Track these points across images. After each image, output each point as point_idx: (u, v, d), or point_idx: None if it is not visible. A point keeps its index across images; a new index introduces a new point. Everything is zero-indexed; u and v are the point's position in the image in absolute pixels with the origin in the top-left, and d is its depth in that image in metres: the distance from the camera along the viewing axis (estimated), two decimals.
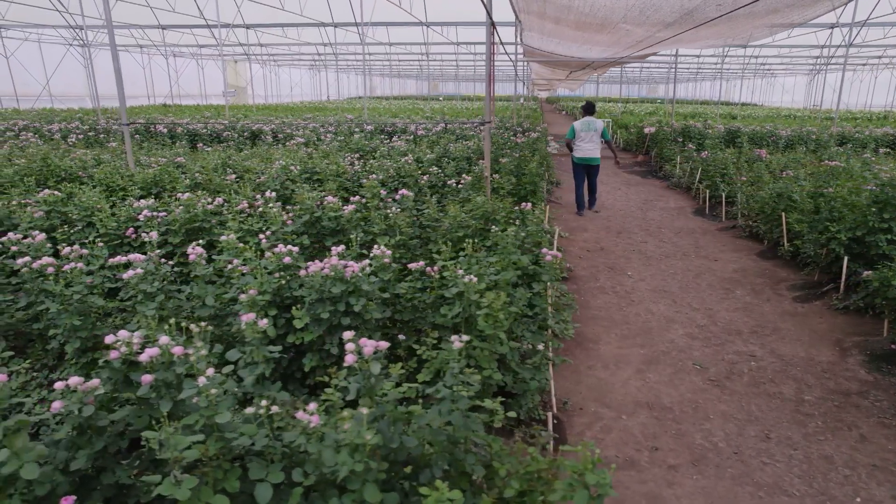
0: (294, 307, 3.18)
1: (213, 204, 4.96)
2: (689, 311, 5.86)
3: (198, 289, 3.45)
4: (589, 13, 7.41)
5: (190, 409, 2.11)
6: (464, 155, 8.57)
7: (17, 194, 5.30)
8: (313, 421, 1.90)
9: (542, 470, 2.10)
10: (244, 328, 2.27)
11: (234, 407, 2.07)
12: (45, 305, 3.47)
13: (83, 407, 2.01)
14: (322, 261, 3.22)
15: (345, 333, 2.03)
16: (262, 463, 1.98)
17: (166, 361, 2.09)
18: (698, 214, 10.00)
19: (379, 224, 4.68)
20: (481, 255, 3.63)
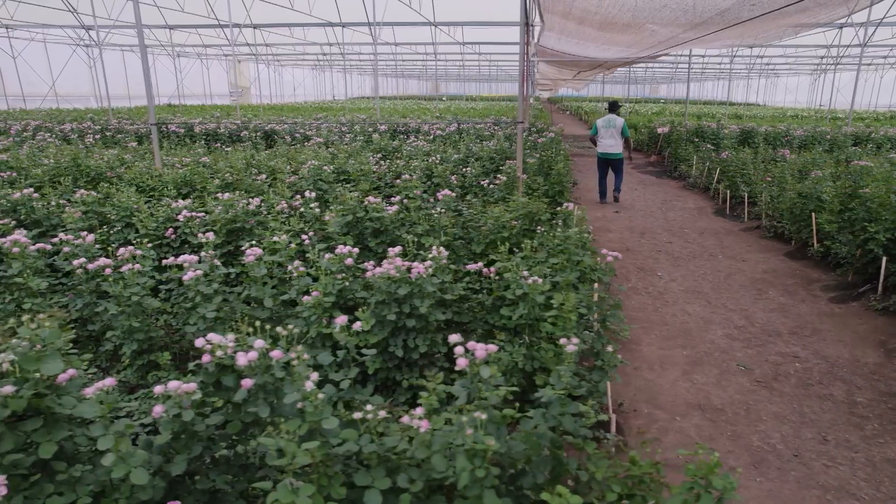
0: (359, 309, 3.15)
1: (253, 204, 4.92)
2: (725, 312, 5.83)
3: (255, 290, 3.41)
4: (617, 14, 7.38)
5: (286, 413, 2.08)
6: (487, 155, 8.54)
7: (56, 195, 5.26)
8: (423, 426, 1.87)
9: (644, 473, 2.07)
10: (337, 331, 2.24)
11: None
12: (101, 307, 3.44)
13: (183, 412, 1.97)
14: (370, 262, 3.20)
15: (451, 336, 2.00)
16: (366, 469, 1.94)
17: (263, 365, 2.06)
18: (719, 215, 9.98)
19: (422, 224, 4.65)
20: (541, 256, 3.59)
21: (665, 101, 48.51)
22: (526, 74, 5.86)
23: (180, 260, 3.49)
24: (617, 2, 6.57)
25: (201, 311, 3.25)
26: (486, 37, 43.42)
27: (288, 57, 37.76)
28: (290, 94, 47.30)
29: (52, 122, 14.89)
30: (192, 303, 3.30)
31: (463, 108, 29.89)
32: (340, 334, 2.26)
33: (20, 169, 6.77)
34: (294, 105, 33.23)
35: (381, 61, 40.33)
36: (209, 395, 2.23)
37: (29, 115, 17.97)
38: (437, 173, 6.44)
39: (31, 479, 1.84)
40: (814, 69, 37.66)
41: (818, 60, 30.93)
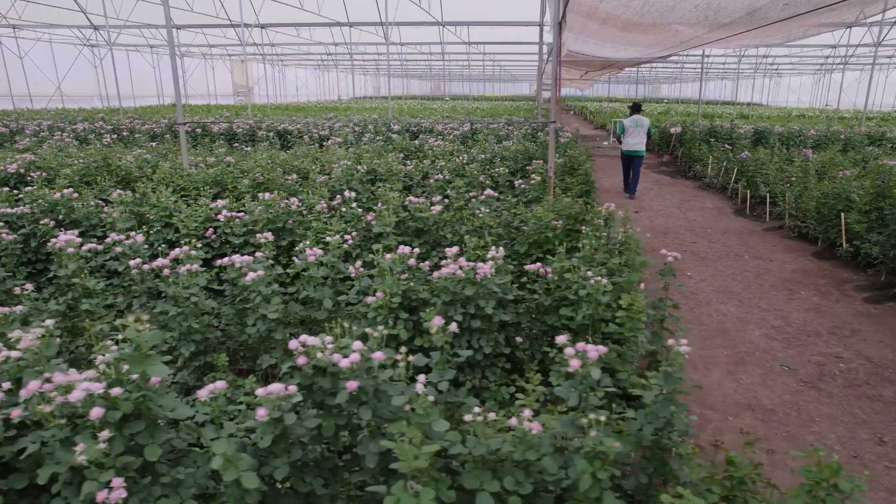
0: (424, 310, 3.13)
1: (294, 204, 4.90)
2: (760, 312, 5.82)
3: (314, 291, 3.39)
4: (644, 14, 7.36)
5: (386, 415, 2.06)
6: (512, 155, 8.53)
7: (94, 195, 5.24)
8: (535, 428, 1.86)
9: (746, 475, 2.05)
10: (433, 332, 2.22)
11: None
12: (158, 307, 3.41)
13: (285, 415, 1.96)
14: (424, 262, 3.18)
15: (558, 338, 1.99)
16: (471, 471, 1.93)
17: (364, 367, 2.04)
18: (739, 215, 9.97)
19: (467, 224, 4.63)
20: (602, 257, 3.58)
21: (668, 101, 48.52)
22: (559, 76, 5.84)
23: (235, 260, 3.48)
24: (647, 1, 6.55)
25: (262, 311, 3.23)
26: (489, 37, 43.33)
27: (291, 57, 37.73)
28: (293, 93, 47.25)
29: (63, 121, 14.83)
30: (251, 304, 3.27)
31: (469, 108, 29.87)
32: (437, 336, 2.24)
33: (49, 169, 6.74)
34: (299, 105, 33.19)
35: (385, 62, 40.27)
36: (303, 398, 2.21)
37: (39, 114, 17.92)
38: (468, 173, 6.42)
39: (142, 481, 1.82)
40: (817, 69, 37.67)
41: (822, 60, 30.97)
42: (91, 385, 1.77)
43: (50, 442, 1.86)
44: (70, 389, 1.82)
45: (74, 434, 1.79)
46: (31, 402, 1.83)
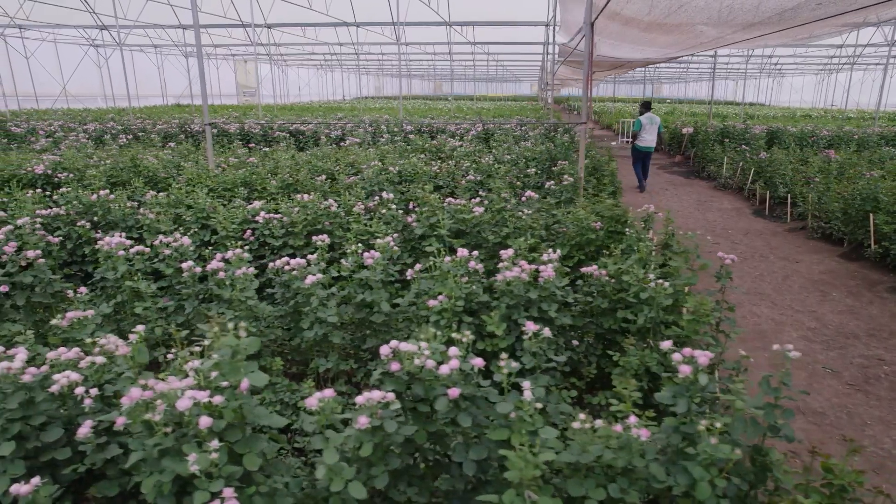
0: (487, 313, 3.10)
1: (334, 206, 4.86)
2: (794, 314, 5.79)
3: (372, 294, 3.36)
4: (672, 14, 7.34)
5: (483, 422, 2.03)
6: (531, 156, 8.50)
7: (128, 195, 5.19)
8: (643, 434, 1.82)
9: (848, 482, 2.02)
10: (528, 338, 2.19)
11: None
12: (213, 311, 3.37)
13: (385, 422, 1.92)
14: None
15: (662, 343, 1.95)
16: (574, 479, 1.90)
17: (461, 374, 2.01)
18: (758, 215, 9.94)
19: (509, 226, 4.60)
20: (659, 258, 3.55)
21: (671, 101, 48.53)
22: (590, 77, 5.81)
23: (291, 263, 3.44)
24: (677, 2, 6.52)
25: (321, 315, 3.19)
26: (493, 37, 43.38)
27: (294, 57, 37.67)
28: (295, 93, 47.17)
29: (73, 122, 14.78)
30: (309, 307, 3.24)
31: (474, 108, 29.83)
32: (530, 342, 2.21)
33: (75, 170, 6.69)
34: (304, 105, 33.15)
35: (389, 62, 40.25)
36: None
37: (48, 115, 17.87)
38: (498, 174, 6.39)
39: (248, 490, 1.79)
40: (821, 69, 37.70)
41: (827, 60, 30.98)
42: (196, 393, 1.73)
43: (148, 450, 1.83)
44: (171, 398, 1.78)
45: (182, 443, 1.75)
46: (133, 410, 1.79)
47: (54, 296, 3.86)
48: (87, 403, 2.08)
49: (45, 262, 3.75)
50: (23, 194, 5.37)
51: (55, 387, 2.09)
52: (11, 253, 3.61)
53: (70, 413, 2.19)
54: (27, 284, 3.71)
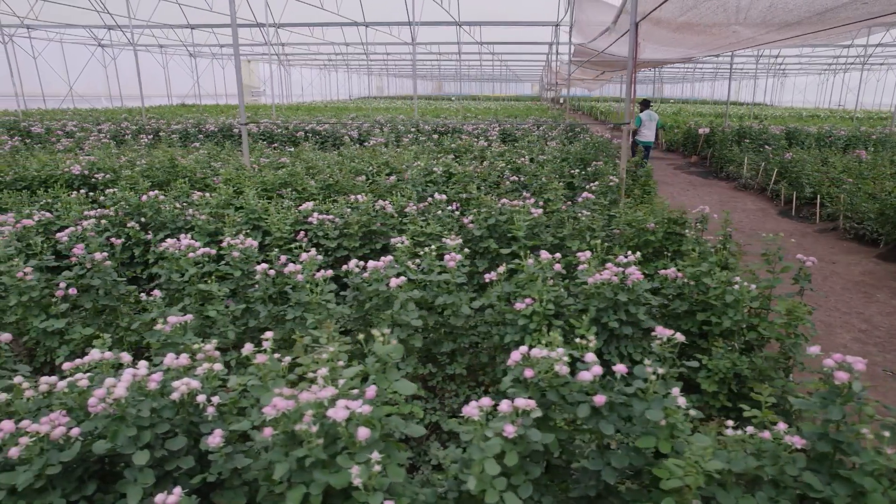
0: (572, 317, 3.05)
1: (390, 207, 4.81)
2: (842, 315, 5.76)
3: (452, 297, 3.31)
4: (705, 14, 7.30)
5: (626, 430, 1.98)
6: (562, 156, 8.46)
7: (174, 196, 5.14)
8: (796, 442, 1.78)
9: None
10: (661, 344, 2.14)
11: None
12: (290, 315, 3.32)
13: (528, 431, 1.87)
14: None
15: (811, 348, 1.91)
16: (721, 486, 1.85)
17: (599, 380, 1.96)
18: (784, 216, 9.92)
19: (567, 227, 4.55)
20: (734, 261, 3.50)
21: (674, 101, 48.54)
22: (634, 77, 5.77)
23: (371, 265, 3.39)
24: (719, 3, 6.48)
25: (404, 318, 3.14)
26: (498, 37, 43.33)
27: (299, 56, 37.58)
28: (298, 93, 47.08)
29: (88, 122, 14.70)
30: (391, 310, 3.19)
31: (481, 108, 29.80)
32: (662, 347, 2.16)
33: (111, 170, 6.62)
34: (310, 105, 33.06)
35: (394, 61, 40.21)
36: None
37: (59, 115, 17.76)
38: (543, 175, 6.34)
39: (401, 501, 1.73)
40: (825, 69, 37.75)
41: (832, 60, 31.01)
42: (350, 403, 1.68)
43: (292, 461, 1.77)
44: (319, 407, 1.73)
45: (334, 454, 1.70)
46: (279, 420, 1.74)
47: (119, 298, 3.81)
48: (209, 412, 2.02)
49: (111, 265, 3.69)
50: (67, 195, 5.31)
51: (175, 394, 2.04)
52: (81, 254, 3.55)
53: (183, 420, 2.14)
54: (94, 287, 3.66)
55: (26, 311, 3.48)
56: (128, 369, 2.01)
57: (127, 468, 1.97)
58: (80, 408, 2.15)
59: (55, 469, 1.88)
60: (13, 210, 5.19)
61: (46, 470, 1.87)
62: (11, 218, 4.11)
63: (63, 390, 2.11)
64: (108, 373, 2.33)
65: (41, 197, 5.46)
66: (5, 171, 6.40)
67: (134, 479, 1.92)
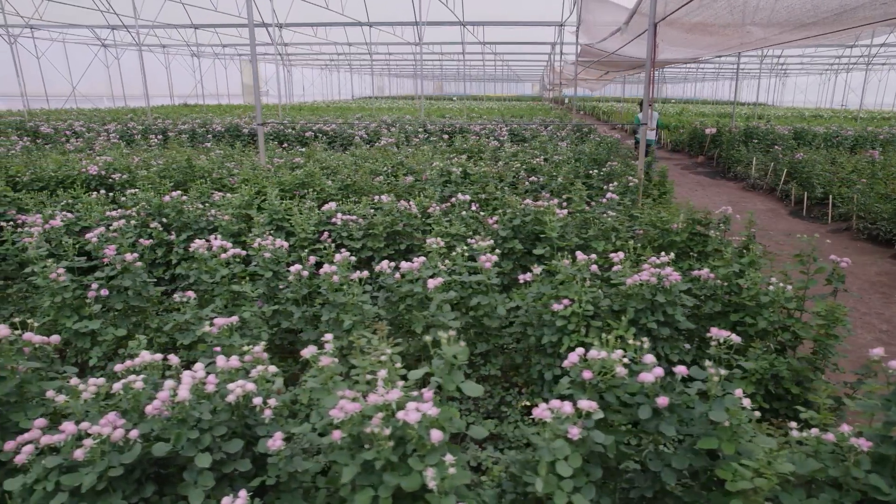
0: (614, 319, 3.05)
1: (415, 208, 4.80)
2: (861, 316, 5.76)
3: (487, 298, 3.30)
4: (720, 14, 7.30)
5: (686, 431, 1.98)
6: (575, 157, 8.46)
7: (195, 196, 5.12)
8: (862, 445, 1.78)
9: None
10: (716, 345, 2.14)
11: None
12: (325, 316, 3.31)
13: (591, 433, 1.87)
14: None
15: (874, 350, 1.90)
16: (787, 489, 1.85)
17: (659, 382, 1.95)
18: (795, 216, 9.92)
19: (593, 228, 4.55)
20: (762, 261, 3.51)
21: (676, 101, 48.54)
22: (652, 78, 5.76)
23: (404, 266, 3.39)
24: (738, 4, 6.48)
25: (441, 319, 3.13)
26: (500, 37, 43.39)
27: (301, 56, 37.54)
28: (299, 93, 47.03)
29: (94, 122, 14.68)
30: (427, 311, 3.18)
31: (483, 108, 29.80)
32: (717, 349, 2.16)
33: (127, 170, 6.61)
34: (313, 105, 33.04)
35: (396, 62, 40.19)
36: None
37: (65, 114, 17.74)
38: (562, 175, 6.34)
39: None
40: (826, 69, 37.78)
41: (834, 60, 31.04)
42: (421, 405, 1.68)
43: (356, 464, 1.77)
44: (387, 409, 1.72)
45: (402, 457, 1.70)
46: (347, 423, 1.73)
47: (148, 299, 3.80)
48: (266, 415, 2.02)
49: (141, 266, 3.69)
50: (87, 196, 5.30)
51: (231, 396, 2.03)
52: (112, 255, 3.54)
53: (238, 423, 2.13)
54: (125, 288, 3.65)
55: (59, 312, 3.48)
56: (186, 371, 2.00)
57: (185, 471, 1.97)
58: (134, 409, 2.15)
59: (117, 471, 1.88)
60: (34, 210, 5.17)
61: (109, 472, 1.87)
62: (40, 219, 4.10)
63: (118, 392, 2.10)
64: (157, 374, 2.33)
65: (61, 197, 5.45)
66: (22, 172, 6.38)
67: (194, 481, 1.92)
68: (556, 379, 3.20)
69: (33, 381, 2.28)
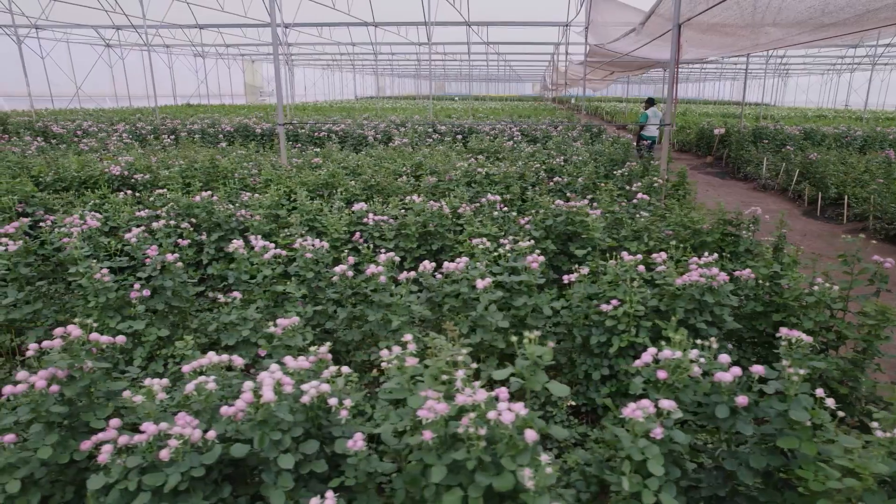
0: (662, 319, 3.06)
1: (447, 208, 4.81)
2: None
3: (533, 298, 3.31)
4: (744, 15, 7.31)
5: (764, 430, 1.99)
6: (590, 157, 8.47)
7: (224, 197, 5.13)
8: None
9: None
10: (783, 345, 2.15)
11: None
12: (372, 316, 3.32)
13: (672, 432, 1.88)
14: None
15: None
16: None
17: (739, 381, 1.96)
18: (809, 216, 9.94)
19: (627, 229, 4.56)
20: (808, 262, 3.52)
21: (678, 101, 48.54)
22: (676, 78, 5.78)
23: (450, 266, 3.39)
24: (761, 4, 6.50)
25: (490, 319, 3.14)
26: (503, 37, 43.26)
27: (304, 57, 37.53)
28: (301, 94, 47.00)
29: (103, 122, 14.67)
30: (476, 312, 3.19)
31: (486, 108, 29.81)
32: (787, 350, 2.17)
33: (149, 170, 6.60)
34: (316, 105, 33.04)
35: (399, 62, 40.19)
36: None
37: (73, 114, 17.73)
38: (585, 174, 6.35)
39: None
40: (829, 69, 37.85)
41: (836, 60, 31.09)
42: (513, 406, 1.68)
43: (441, 465, 1.77)
44: (480, 410, 1.73)
45: (495, 457, 1.70)
46: (436, 423, 1.74)
47: (187, 300, 3.81)
48: (342, 415, 2.03)
49: (182, 266, 3.69)
50: (115, 196, 5.30)
51: (305, 397, 2.04)
52: (154, 256, 3.55)
53: (313, 424, 2.14)
54: (166, 288, 3.65)
55: (102, 312, 3.48)
56: (263, 373, 2.01)
57: (263, 472, 1.97)
58: (207, 410, 2.15)
59: (199, 471, 1.88)
60: (61, 211, 5.17)
61: (191, 472, 1.87)
62: (77, 219, 4.10)
63: (191, 392, 2.11)
64: (222, 376, 2.33)
65: (88, 197, 5.45)
66: (45, 172, 6.38)
67: (273, 482, 1.92)
68: (605, 379, 3.21)
69: (101, 382, 2.28)
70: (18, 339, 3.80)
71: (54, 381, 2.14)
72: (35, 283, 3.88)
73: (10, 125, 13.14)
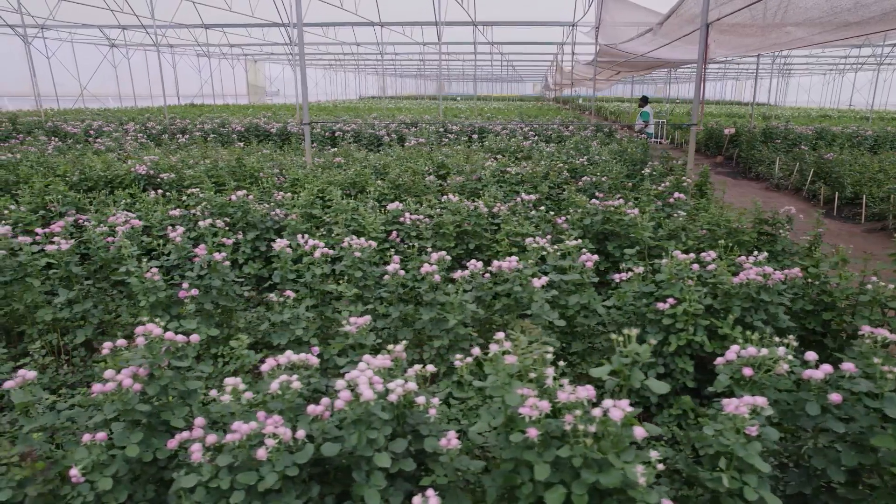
0: (717, 317, 3.07)
1: (483, 208, 4.81)
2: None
3: (584, 296, 3.31)
4: (768, 16, 7.33)
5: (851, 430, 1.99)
6: (612, 157, 8.48)
7: (258, 196, 5.12)
8: None
9: None
10: (867, 343, 2.15)
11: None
12: (426, 316, 3.32)
13: (766, 429, 1.88)
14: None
15: None
16: None
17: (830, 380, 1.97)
18: (826, 216, 9.89)
19: (665, 228, 4.57)
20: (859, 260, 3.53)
21: (681, 101, 48.64)
22: (704, 77, 5.79)
23: (503, 265, 3.39)
24: (788, 5, 6.50)
25: (546, 318, 3.14)
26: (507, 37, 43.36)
27: (308, 56, 37.49)
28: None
29: (111, 122, 14.66)
30: (531, 311, 3.19)
31: (491, 108, 29.81)
32: (871, 347, 2.17)
33: (173, 169, 6.60)
34: (320, 104, 33.01)
35: (401, 62, 40.21)
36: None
37: (81, 114, 17.71)
38: (612, 173, 6.36)
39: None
40: (831, 69, 37.93)
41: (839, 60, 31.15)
42: (620, 402, 1.69)
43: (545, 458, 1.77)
44: (581, 407, 1.74)
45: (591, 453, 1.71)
46: (539, 420, 1.74)
47: (234, 299, 3.81)
48: (431, 414, 2.03)
49: (228, 265, 3.69)
50: (146, 195, 5.29)
51: (392, 396, 2.04)
52: (203, 255, 3.55)
53: (399, 422, 2.14)
54: (214, 287, 3.65)
55: (151, 311, 3.48)
56: (353, 371, 2.01)
57: (354, 471, 1.97)
58: (290, 409, 2.15)
59: (292, 471, 1.88)
60: (92, 210, 5.17)
61: (285, 471, 1.87)
62: (122, 218, 4.10)
63: (276, 392, 2.10)
64: (300, 374, 2.33)
65: (119, 196, 5.44)
66: (71, 172, 6.37)
67: (365, 481, 1.92)
68: (660, 377, 3.21)
69: (178, 380, 2.28)
70: (64, 338, 3.80)
71: (137, 379, 2.14)
72: (84, 283, 3.87)
73: (19, 125, 13.13)
